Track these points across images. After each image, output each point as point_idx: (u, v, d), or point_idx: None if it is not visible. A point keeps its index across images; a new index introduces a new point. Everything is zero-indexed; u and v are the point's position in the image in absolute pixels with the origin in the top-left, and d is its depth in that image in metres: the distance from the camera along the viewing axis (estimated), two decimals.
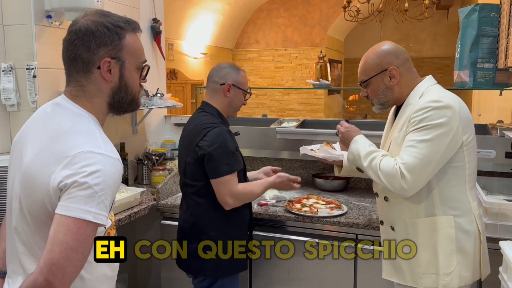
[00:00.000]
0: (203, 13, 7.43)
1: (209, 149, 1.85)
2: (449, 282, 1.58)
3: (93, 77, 1.13)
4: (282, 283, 2.32)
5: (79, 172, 1.01)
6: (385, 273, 1.77)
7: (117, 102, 1.18)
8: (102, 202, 1.02)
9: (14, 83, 2.19)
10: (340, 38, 9.77)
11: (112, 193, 1.06)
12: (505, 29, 2.15)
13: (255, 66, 8.95)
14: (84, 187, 1.00)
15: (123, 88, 1.17)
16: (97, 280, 1.17)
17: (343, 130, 1.81)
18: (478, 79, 2.35)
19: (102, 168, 1.03)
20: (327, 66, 3.06)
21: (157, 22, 3.08)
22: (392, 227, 1.72)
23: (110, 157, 1.06)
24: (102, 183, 1.02)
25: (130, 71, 1.17)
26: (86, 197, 1.00)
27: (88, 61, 1.12)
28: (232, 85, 1.98)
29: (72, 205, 1.00)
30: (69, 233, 0.98)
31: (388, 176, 1.55)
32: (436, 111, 1.52)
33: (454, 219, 1.58)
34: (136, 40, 1.19)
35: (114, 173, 1.06)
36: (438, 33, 9.75)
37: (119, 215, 2.22)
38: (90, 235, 1.02)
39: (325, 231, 2.24)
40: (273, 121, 3.02)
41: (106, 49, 1.12)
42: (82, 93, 1.15)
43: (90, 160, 1.03)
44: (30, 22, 2.16)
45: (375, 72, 1.67)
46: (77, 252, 0.99)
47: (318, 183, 2.79)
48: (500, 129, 2.42)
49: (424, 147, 1.51)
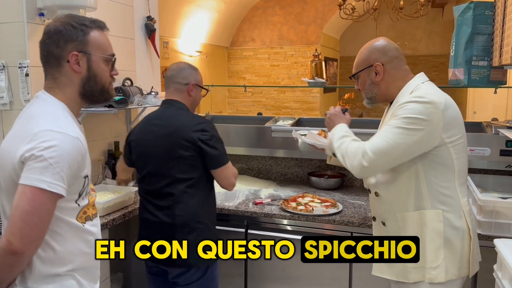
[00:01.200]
0: (198, 11, 7.41)
1: (211, 142, 1.95)
2: (435, 275, 1.59)
3: (64, 70, 1.30)
4: (277, 281, 2.32)
5: (37, 147, 1.16)
6: (375, 269, 1.78)
7: (88, 92, 1.33)
8: (57, 173, 1.16)
9: (6, 82, 2.17)
10: (335, 36, 9.77)
11: (69, 166, 1.19)
12: (499, 27, 2.15)
13: (251, 64, 8.93)
14: (40, 159, 1.15)
15: (92, 78, 1.32)
16: (70, 254, 1.28)
17: (332, 113, 1.85)
18: (473, 77, 2.35)
19: (58, 144, 1.17)
20: (322, 64, 3.06)
21: (151, 20, 3.06)
22: (384, 222, 1.74)
23: (69, 135, 1.21)
24: (57, 157, 1.16)
25: (97, 62, 1.33)
26: (42, 168, 1.14)
27: (58, 56, 1.29)
28: (195, 85, 2.07)
29: (30, 175, 1.14)
30: (25, 200, 1.13)
31: (350, 155, 1.60)
32: (417, 105, 1.54)
33: (443, 214, 1.60)
34: (102, 36, 1.35)
35: (71, 149, 1.20)
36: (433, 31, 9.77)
37: (113, 214, 2.21)
38: (46, 202, 1.15)
39: (320, 229, 2.23)
40: (268, 120, 3.01)
41: (73, 44, 1.28)
42: (56, 84, 1.31)
43: (48, 137, 1.17)
44: (22, 20, 2.14)
45: (362, 67, 1.72)
46: (33, 216, 1.13)
47: (313, 181, 2.79)
48: (494, 127, 2.42)
49: (395, 134, 1.54)
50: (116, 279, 2.61)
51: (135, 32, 2.96)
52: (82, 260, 1.32)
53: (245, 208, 2.34)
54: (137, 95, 2.70)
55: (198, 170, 1.97)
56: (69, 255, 1.28)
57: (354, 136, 1.70)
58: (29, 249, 1.15)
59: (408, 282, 1.65)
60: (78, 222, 1.30)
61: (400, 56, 1.70)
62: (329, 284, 2.24)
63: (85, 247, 1.32)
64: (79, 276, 1.31)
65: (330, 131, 1.81)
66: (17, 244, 1.12)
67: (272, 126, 2.81)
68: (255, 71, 8.92)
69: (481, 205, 1.93)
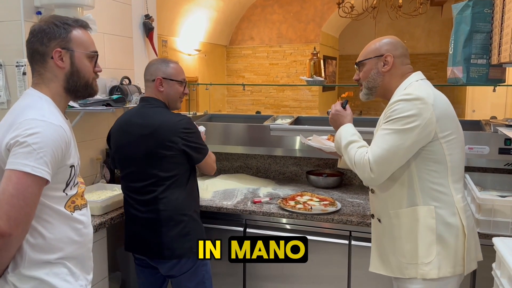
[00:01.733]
0: (197, 10, 7.39)
1: (193, 138, 1.99)
2: (427, 272, 1.60)
3: (48, 65, 1.37)
4: (276, 280, 2.32)
5: (21, 134, 1.22)
6: (372, 266, 1.79)
7: (72, 86, 1.40)
8: (40, 158, 1.21)
9: (3, 81, 2.16)
10: (334, 35, 9.76)
11: (53, 152, 1.24)
12: (498, 25, 2.15)
13: (250, 63, 8.93)
14: (24, 145, 1.21)
15: (75, 73, 1.39)
16: (60, 241, 1.33)
17: (333, 112, 1.86)
18: (472, 75, 2.34)
19: (41, 131, 1.24)
20: (321, 62, 3.05)
21: (150, 19, 3.05)
22: (379, 219, 1.74)
23: (52, 123, 1.27)
24: (40, 143, 1.22)
25: (80, 59, 1.40)
26: (26, 153, 1.21)
27: (43, 53, 1.36)
28: (163, 79, 2.02)
29: (14, 160, 1.21)
30: (10, 183, 1.19)
31: (359, 167, 1.62)
32: (405, 103, 1.57)
33: (435, 210, 1.61)
34: (84, 34, 1.42)
35: (55, 136, 1.26)
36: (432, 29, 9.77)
37: (111, 213, 2.20)
38: (31, 185, 1.21)
39: (318, 228, 2.23)
40: (267, 118, 3.01)
41: (56, 42, 1.36)
42: (41, 80, 1.38)
43: (32, 125, 1.24)
44: (19, 18, 2.13)
45: (372, 55, 1.75)
46: (18, 199, 1.19)
47: (312, 180, 2.78)
48: (493, 125, 2.42)
49: (391, 138, 1.56)
50: (115, 278, 2.61)
51: (133, 30, 2.95)
52: (73, 249, 1.37)
53: (243, 207, 2.34)
54: (135, 94, 2.70)
55: (181, 167, 1.99)
56: (59, 242, 1.33)
57: (360, 140, 1.71)
58: (16, 231, 1.19)
59: (404, 277, 1.65)
60: (67, 210, 1.36)
61: (407, 55, 1.76)
62: (328, 283, 2.24)
63: (75, 235, 1.37)
64: (71, 265, 1.36)
65: (335, 130, 1.82)
66: (4, 226, 1.17)
67: (270, 124, 2.80)
68: (254, 69, 8.92)
69: (480, 203, 1.93)
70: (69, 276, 1.35)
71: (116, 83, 2.68)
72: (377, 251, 1.77)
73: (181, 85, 2.07)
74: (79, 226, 1.39)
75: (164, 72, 2.03)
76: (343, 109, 1.84)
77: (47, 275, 1.30)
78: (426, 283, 1.61)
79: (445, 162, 1.61)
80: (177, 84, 2.05)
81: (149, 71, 2.05)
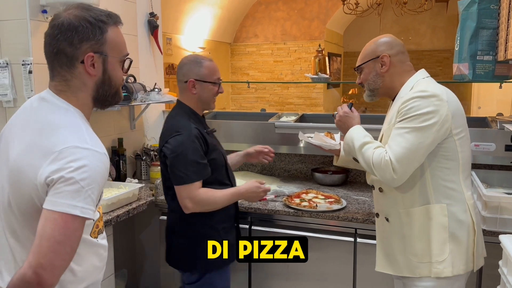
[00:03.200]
0: (201, 7, 7.39)
1: (170, 156, 1.85)
2: (441, 270, 1.59)
3: (77, 71, 1.15)
4: (281, 277, 2.32)
5: (65, 167, 1.03)
6: (379, 265, 1.78)
7: (101, 96, 1.20)
8: (88, 196, 1.04)
9: (10, 79, 2.17)
10: (339, 32, 9.72)
11: (99, 187, 1.08)
12: (504, 21, 2.13)
13: (254, 60, 8.91)
14: (71, 182, 1.02)
15: (107, 81, 1.19)
16: (87, 271, 1.20)
17: (341, 114, 1.84)
18: (478, 72, 2.33)
19: (88, 163, 1.05)
20: (326, 59, 3.04)
21: (154, 16, 3.06)
22: (387, 218, 1.73)
23: (97, 152, 1.08)
24: (88, 178, 1.04)
25: (113, 64, 1.19)
26: (73, 192, 1.02)
27: (71, 56, 1.13)
28: (196, 81, 1.91)
29: (59, 200, 1.02)
30: (56, 228, 1.00)
31: (380, 168, 1.59)
32: (422, 100, 1.55)
33: (447, 208, 1.60)
34: (118, 34, 1.21)
35: (101, 167, 1.08)
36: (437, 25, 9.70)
37: (117, 211, 2.21)
38: (78, 229, 1.04)
39: (324, 225, 2.23)
40: (271, 116, 3.00)
41: (89, 44, 1.13)
42: (67, 87, 1.16)
43: (76, 155, 1.05)
44: (25, 17, 2.14)
45: (368, 58, 1.75)
46: (65, 246, 1.01)
47: (317, 177, 2.78)
48: (499, 122, 2.40)
49: (411, 136, 1.55)
50: (121, 275, 2.62)
51: (138, 28, 2.96)
52: (95, 275, 1.26)
53: (248, 205, 2.34)
54: (140, 92, 2.70)
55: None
56: (85, 273, 1.21)
57: (373, 141, 1.69)
58: (58, 280, 1.04)
59: (414, 276, 1.64)
60: (92, 237, 1.23)
61: (405, 52, 1.74)
62: (333, 281, 2.24)
63: (98, 262, 1.26)
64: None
65: (344, 133, 1.80)
66: (47, 276, 0.99)
67: (275, 122, 2.80)
68: (258, 67, 8.90)
69: (486, 200, 1.92)
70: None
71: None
72: (383, 251, 1.77)
73: (215, 85, 1.95)
74: (101, 251, 1.27)
75: (197, 73, 1.91)
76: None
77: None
78: (438, 281, 1.61)
79: (457, 159, 1.61)
80: (211, 85, 1.94)
81: (182, 71, 1.94)
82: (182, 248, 1.96)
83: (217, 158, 1.94)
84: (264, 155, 2.26)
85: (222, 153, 2.01)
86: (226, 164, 2.03)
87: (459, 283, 1.65)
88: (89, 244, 1.21)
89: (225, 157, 2.04)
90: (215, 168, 1.93)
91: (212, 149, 1.92)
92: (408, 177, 1.59)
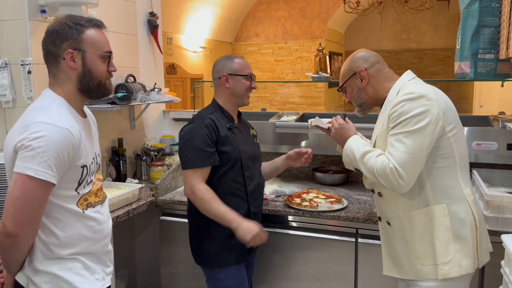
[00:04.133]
0: (201, 7, 7.38)
1: (180, 142, 1.97)
2: (448, 271, 1.58)
3: (61, 66, 1.38)
4: (282, 277, 2.31)
5: (27, 137, 1.25)
6: (385, 269, 1.77)
7: (85, 87, 1.41)
8: (44, 162, 1.24)
9: (9, 79, 2.16)
10: (340, 31, 9.70)
11: (58, 155, 1.26)
12: (506, 19, 2.12)
13: (255, 60, 8.90)
14: (29, 149, 1.24)
15: (87, 74, 1.39)
16: (72, 238, 1.36)
17: (337, 127, 1.83)
18: (479, 70, 2.31)
19: (46, 134, 1.25)
20: (326, 58, 3.02)
21: (154, 16, 3.05)
22: (389, 222, 1.72)
23: (57, 126, 1.28)
24: (44, 146, 1.24)
25: (92, 59, 1.40)
26: (30, 157, 1.24)
27: (56, 54, 1.38)
28: (229, 75, 2.00)
29: (19, 163, 1.24)
30: (16, 186, 1.24)
31: (385, 176, 1.56)
32: (411, 102, 1.55)
33: (447, 207, 1.59)
34: (98, 34, 1.41)
35: (60, 139, 1.27)
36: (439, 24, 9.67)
37: (117, 211, 2.20)
38: (34, 188, 1.24)
39: (325, 225, 2.22)
40: (272, 115, 2.99)
41: (68, 43, 1.37)
42: (55, 81, 1.40)
43: (38, 128, 1.26)
44: (24, 17, 2.13)
45: (347, 77, 1.78)
46: (23, 202, 1.23)
47: (318, 177, 2.77)
48: (501, 120, 2.39)
49: (409, 140, 1.54)
50: (121, 276, 2.62)
51: (137, 28, 2.95)
52: (86, 245, 1.40)
53: None
54: (140, 92, 2.70)
55: None
56: (71, 240, 1.36)
57: (374, 149, 1.66)
58: (22, 231, 1.24)
59: (420, 280, 1.63)
60: (79, 208, 1.38)
61: (381, 61, 1.77)
62: (335, 280, 2.22)
63: (88, 232, 1.40)
64: (86, 259, 1.40)
65: (342, 145, 1.79)
66: (10, 227, 1.23)
67: (276, 121, 2.79)
68: (260, 66, 8.89)
69: (488, 200, 1.91)
70: (83, 270, 1.39)
71: (121, 81, 2.68)
72: (388, 254, 1.75)
73: (247, 79, 2.03)
74: (91, 223, 1.41)
75: (229, 68, 2.01)
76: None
77: (60, 270, 1.35)
78: (444, 283, 1.59)
79: (453, 157, 1.60)
80: (243, 78, 2.01)
81: (215, 69, 2.04)
82: (192, 240, 2.04)
83: (229, 152, 1.95)
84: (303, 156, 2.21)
85: (241, 150, 1.99)
86: (243, 162, 1.99)
87: (463, 282, 1.63)
88: (74, 214, 1.37)
89: (244, 155, 1.99)
90: (226, 161, 1.94)
91: (224, 142, 1.94)
92: (414, 181, 1.57)
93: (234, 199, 1.96)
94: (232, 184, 1.96)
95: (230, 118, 2.03)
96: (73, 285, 1.36)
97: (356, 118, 1.88)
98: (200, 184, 1.90)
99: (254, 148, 2.12)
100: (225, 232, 1.90)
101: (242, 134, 2.07)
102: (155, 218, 2.69)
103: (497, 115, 2.68)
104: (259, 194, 2.08)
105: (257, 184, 2.05)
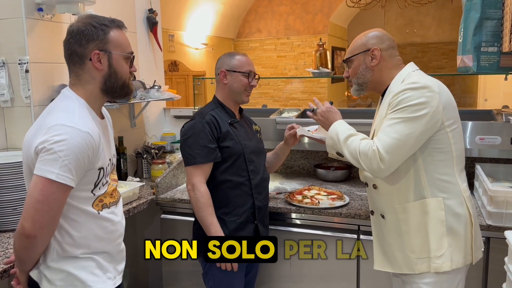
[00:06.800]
0: (203, 3, 7.35)
1: (181, 139, 1.97)
2: (440, 265, 1.58)
3: (86, 67, 1.38)
4: (284, 278, 2.29)
5: (49, 140, 1.25)
6: (377, 264, 1.75)
7: (109, 87, 1.41)
8: (65, 165, 1.25)
9: (6, 79, 2.15)
10: (343, 25, 9.64)
11: (78, 159, 1.27)
12: (509, 11, 2.08)
13: (258, 56, 8.86)
14: (50, 152, 1.24)
15: (113, 74, 1.40)
16: (86, 239, 1.38)
17: (324, 109, 1.82)
18: (482, 64, 2.28)
19: (68, 138, 1.26)
20: (327, 54, 3.00)
21: (153, 13, 3.03)
22: (383, 215, 1.71)
23: (79, 130, 1.28)
24: (66, 150, 1.25)
25: (118, 60, 1.40)
26: (51, 160, 1.24)
27: (81, 54, 1.37)
28: (227, 71, 1.99)
29: (41, 166, 1.25)
30: (36, 189, 1.25)
31: (366, 158, 1.56)
32: (413, 91, 1.53)
33: (443, 202, 1.58)
34: (121, 35, 1.42)
35: (81, 143, 1.28)
36: (442, 17, 9.59)
37: None
38: (55, 192, 1.25)
39: (326, 222, 2.20)
40: (273, 111, 2.97)
41: (94, 43, 1.36)
42: (78, 81, 1.40)
43: (60, 131, 1.26)
44: (21, 15, 2.11)
45: (359, 51, 1.72)
46: (43, 204, 1.24)
47: (319, 173, 2.75)
48: (505, 114, 2.36)
49: (401, 127, 1.52)
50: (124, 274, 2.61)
51: (136, 25, 2.93)
52: (100, 245, 1.42)
53: None
54: (139, 89, 2.68)
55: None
56: (85, 240, 1.38)
57: (359, 133, 1.67)
58: (40, 233, 1.26)
59: (414, 273, 1.62)
60: (94, 209, 1.39)
61: (395, 46, 1.73)
62: (337, 280, 2.21)
63: (102, 233, 1.42)
64: (99, 258, 1.42)
65: (326, 129, 1.77)
66: (29, 228, 1.25)
67: (276, 118, 2.77)
68: (262, 62, 8.85)
69: (492, 195, 1.88)
70: (97, 269, 1.41)
71: None
72: (380, 248, 1.74)
73: (246, 77, 2.00)
74: (106, 224, 1.43)
75: (228, 64, 2.00)
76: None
77: (75, 269, 1.37)
78: (438, 277, 1.59)
79: (450, 152, 1.59)
80: (241, 75, 1.99)
81: (216, 65, 2.05)
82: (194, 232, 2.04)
83: (232, 147, 1.95)
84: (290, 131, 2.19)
85: (244, 144, 1.98)
86: (246, 156, 1.98)
87: (459, 277, 1.62)
88: (89, 215, 1.38)
89: (246, 149, 1.98)
90: (229, 156, 1.94)
91: (226, 137, 1.94)
92: (395, 168, 1.57)
93: (238, 193, 1.96)
94: (237, 179, 1.96)
95: (231, 114, 2.03)
96: (86, 284, 1.38)
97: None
98: (201, 185, 1.90)
99: (257, 142, 2.10)
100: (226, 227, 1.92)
101: (244, 129, 2.07)
102: (156, 216, 2.68)
103: (501, 109, 2.65)
104: (264, 188, 2.07)
105: (261, 178, 2.05)
